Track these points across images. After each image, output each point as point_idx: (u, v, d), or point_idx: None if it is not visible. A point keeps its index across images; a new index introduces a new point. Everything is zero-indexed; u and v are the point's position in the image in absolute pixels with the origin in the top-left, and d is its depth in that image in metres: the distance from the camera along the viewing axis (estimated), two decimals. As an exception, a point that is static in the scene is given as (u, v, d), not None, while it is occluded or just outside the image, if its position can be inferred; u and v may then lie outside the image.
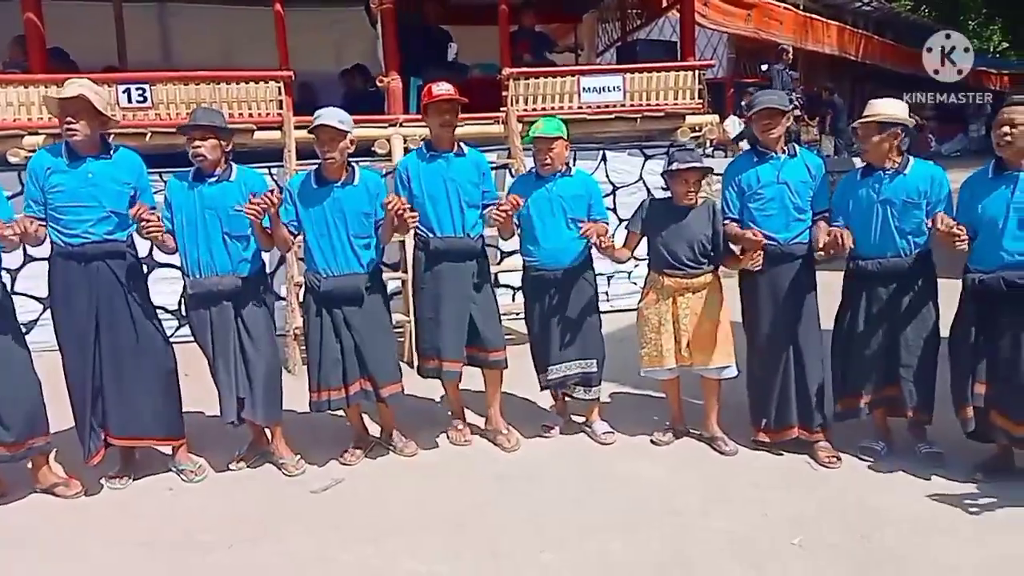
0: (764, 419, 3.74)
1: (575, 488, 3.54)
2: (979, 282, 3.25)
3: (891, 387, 3.55)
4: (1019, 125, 3.15)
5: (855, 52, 14.96)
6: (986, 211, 3.25)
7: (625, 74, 6.74)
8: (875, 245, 3.48)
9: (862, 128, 3.50)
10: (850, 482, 3.50)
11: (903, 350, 3.48)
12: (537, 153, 3.87)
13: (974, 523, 3.12)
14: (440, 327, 3.83)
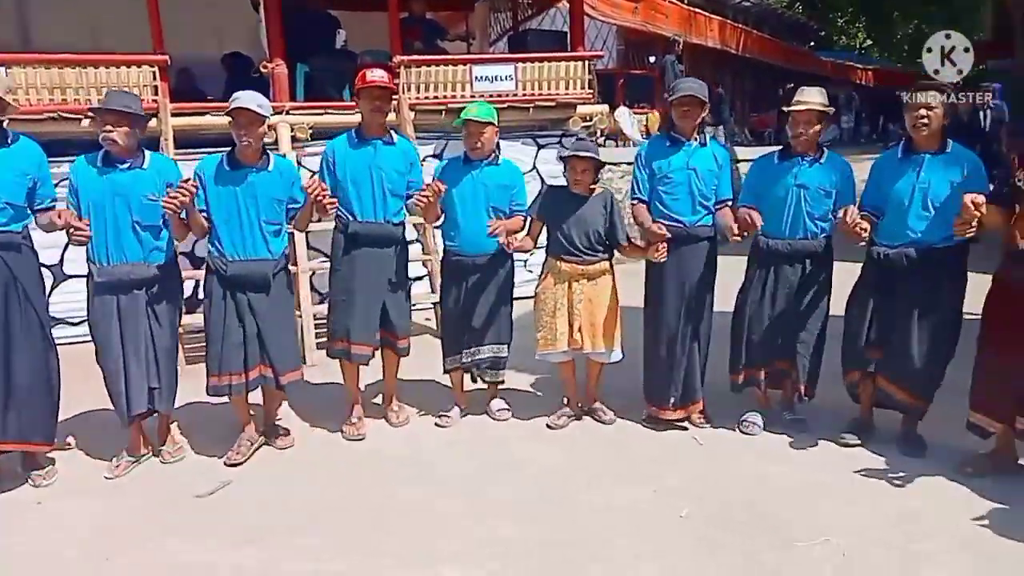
0: (672, 397, 3.87)
1: (470, 474, 3.55)
2: (884, 256, 3.43)
3: (786, 361, 3.75)
4: (934, 108, 3.32)
5: (736, 46, 15.65)
6: (894, 191, 3.43)
7: (517, 63, 6.77)
8: (787, 227, 3.65)
9: (802, 116, 3.56)
10: (734, 453, 3.68)
11: (802, 328, 3.68)
12: (467, 137, 3.88)
13: (849, 485, 3.34)
14: (352, 309, 3.83)
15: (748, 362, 3.81)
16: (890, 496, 3.23)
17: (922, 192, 3.35)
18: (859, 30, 29.86)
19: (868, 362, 3.55)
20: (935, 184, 3.33)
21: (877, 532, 2.96)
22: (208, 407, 3.97)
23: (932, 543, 2.87)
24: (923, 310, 3.38)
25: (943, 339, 3.39)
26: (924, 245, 3.34)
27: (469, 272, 3.93)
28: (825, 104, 3.58)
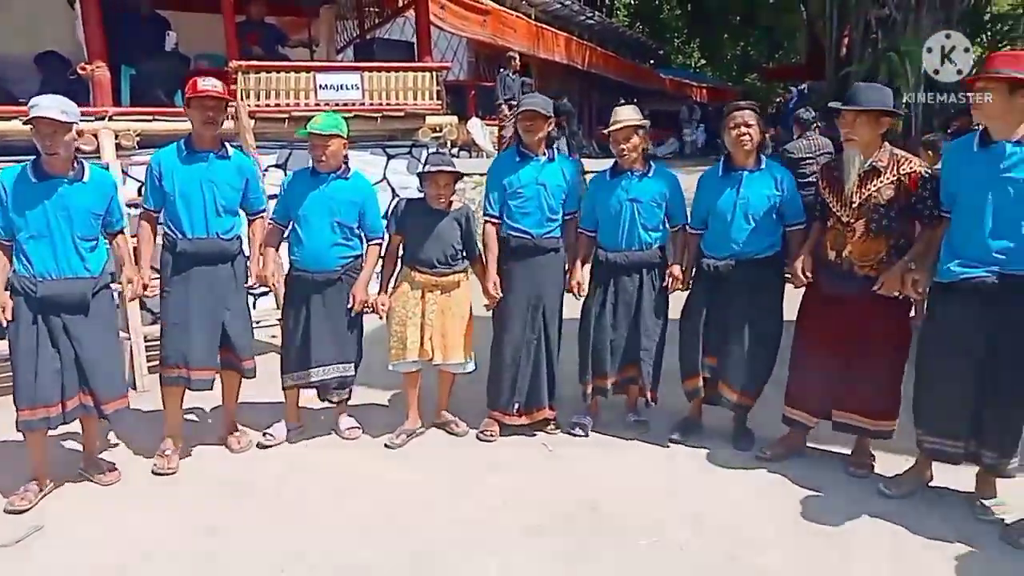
0: (516, 403, 3.90)
1: (317, 496, 3.41)
2: (712, 268, 3.63)
3: (632, 367, 3.88)
4: (753, 126, 3.53)
5: (582, 62, 16.24)
6: (717, 206, 3.62)
7: (364, 72, 6.64)
8: (623, 239, 3.78)
9: (620, 134, 3.70)
10: (578, 458, 3.77)
11: (644, 336, 3.81)
12: (312, 150, 3.71)
13: (676, 481, 3.51)
14: (189, 333, 3.57)
15: (595, 372, 3.90)
16: (720, 488, 3.43)
17: (743, 207, 3.56)
18: (694, 50, 31.99)
19: (706, 368, 3.74)
20: (753, 199, 3.56)
21: (712, 522, 3.13)
22: (18, 444, 3.56)
23: (761, 531, 3.06)
24: (750, 316, 3.60)
25: (768, 341, 3.63)
26: (747, 256, 3.57)
27: (313, 289, 3.77)
28: (639, 118, 3.74)
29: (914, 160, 3.22)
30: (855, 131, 3.19)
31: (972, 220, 2.89)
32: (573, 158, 6.26)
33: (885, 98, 3.21)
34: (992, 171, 2.85)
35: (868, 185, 3.20)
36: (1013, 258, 2.81)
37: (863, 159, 3.20)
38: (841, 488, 3.37)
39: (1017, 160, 2.80)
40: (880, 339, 3.27)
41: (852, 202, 3.22)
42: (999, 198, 2.82)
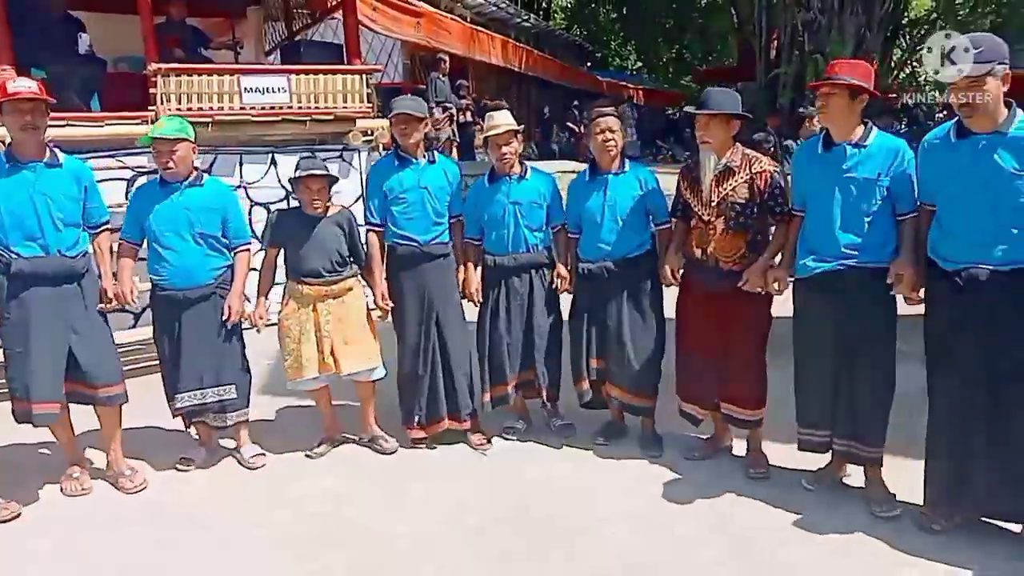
0: (416, 415, 3.83)
1: (231, 521, 3.28)
2: (588, 271, 3.67)
3: (529, 371, 3.86)
4: (617, 131, 3.62)
5: (518, 64, 16.24)
6: (587, 210, 3.69)
7: (290, 75, 6.49)
8: (509, 243, 3.77)
9: (501, 137, 3.72)
10: (507, 461, 3.75)
11: (537, 336, 3.81)
12: (157, 157, 3.52)
13: (607, 482, 3.53)
14: (29, 362, 3.26)
15: (495, 379, 3.87)
16: (652, 488, 3.44)
17: (611, 209, 3.62)
18: (630, 52, 32.45)
19: (592, 371, 3.76)
20: (620, 201, 3.63)
21: (646, 523, 3.14)
22: None
23: (694, 529, 3.09)
24: (630, 315, 3.65)
25: (652, 338, 3.69)
26: (619, 257, 3.63)
27: (184, 308, 3.58)
28: (515, 123, 3.77)
29: (764, 159, 3.37)
30: (709, 133, 3.31)
31: (821, 217, 3.05)
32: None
33: (734, 102, 3.34)
34: (835, 171, 3.01)
35: (724, 184, 3.33)
36: (861, 252, 2.97)
37: (718, 159, 3.33)
38: (765, 483, 3.41)
39: (856, 161, 2.98)
40: (746, 330, 3.40)
41: (711, 201, 3.34)
42: (844, 196, 3.00)
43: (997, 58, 2.61)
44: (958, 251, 2.75)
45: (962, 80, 2.62)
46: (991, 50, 2.62)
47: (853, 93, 2.96)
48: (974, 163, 2.68)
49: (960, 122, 2.74)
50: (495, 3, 17.12)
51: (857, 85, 2.95)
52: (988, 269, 2.67)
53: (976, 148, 2.69)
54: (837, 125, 3.02)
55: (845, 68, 3.01)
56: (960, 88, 2.65)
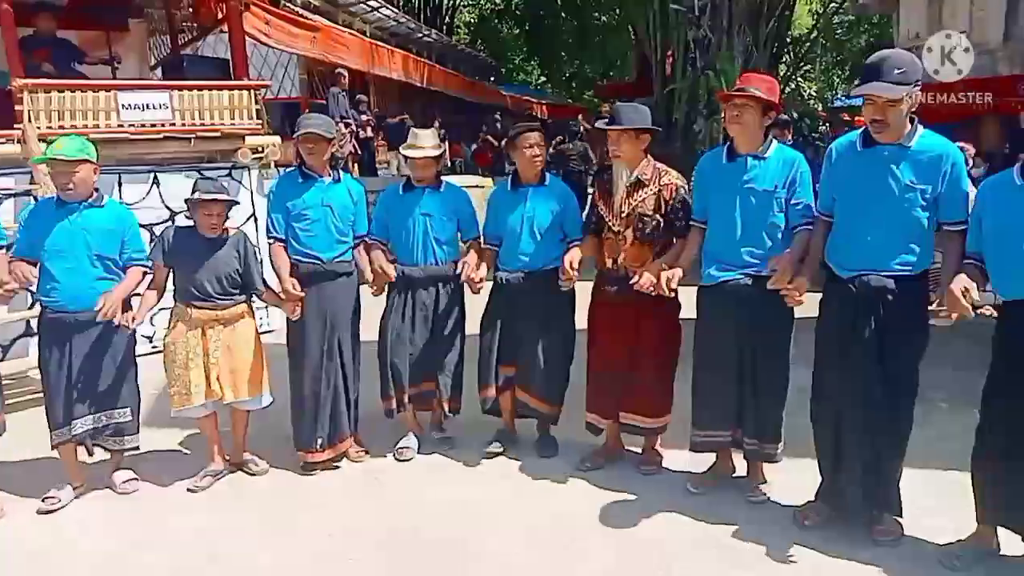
0: (318, 437, 3.71)
1: (100, 559, 3.07)
2: (505, 280, 3.70)
3: (429, 382, 3.84)
4: (542, 146, 3.70)
5: (420, 79, 16.16)
6: (507, 221, 3.73)
7: (173, 91, 6.23)
8: (418, 254, 3.78)
9: (420, 163, 3.77)
10: (399, 482, 3.69)
11: (438, 348, 3.81)
12: (55, 178, 3.35)
13: (509, 494, 3.51)
14: None
15: (396, 387, 3.84)
16: (543, 500, 3.44)
17: (529, 221, 3.68)
18: (534, 68, 32.92)
19: (501, 378, 3.78)
20: (539, 213, 3.69)
21: (539, 536, 3.13)
22: None
23: (588, 540, 3.09)
24: (543, 325, 3.71)
25: (563, 347, 3.76)
26: (536, 268, 3.68)
27: (74, 330, 3.40)
28: (436, 151, 3.82)
29: (672, 173, 3.47)
30: (620, 147, 3.40)
31: (725, 227, 3.16)
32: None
33: (644, 117, 3.44)
34: (737, 182, 3.12)
35: (634, 196, 3.42)
36: (762, 261, 3.08)
37: (629, 172, 3.41)
38: (656, 490, 3.46)
39: (757, 172, 3.10)
40: (654, 341, 3.48)
41: (622, 212, 3.42)
42: (745, 207, 3.10)
43: (915, 79, 2.72)
44: (853, 259, 2.83)
45: (881, 100, 2.69)
46: (912, 72, 2.71)
47: (765, 107, 3.07)
48: (875, 173, 2.78)
49: (867, 131, 2.84)
50: (395, 18, 17.04)
51: (769, 100, 3.07)
52: (880, 276, 2.77)
53: (879, 158, 2.77)
54: (747, 137, 3.12)
55: (758, 82, 3.12)
56: (877, 107, 2.72)
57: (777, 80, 12.24)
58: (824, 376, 2.99)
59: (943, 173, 2.70)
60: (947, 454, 2.83)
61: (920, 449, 2.97)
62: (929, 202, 2.72)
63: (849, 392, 2.86)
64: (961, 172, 2.74)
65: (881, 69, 2.68)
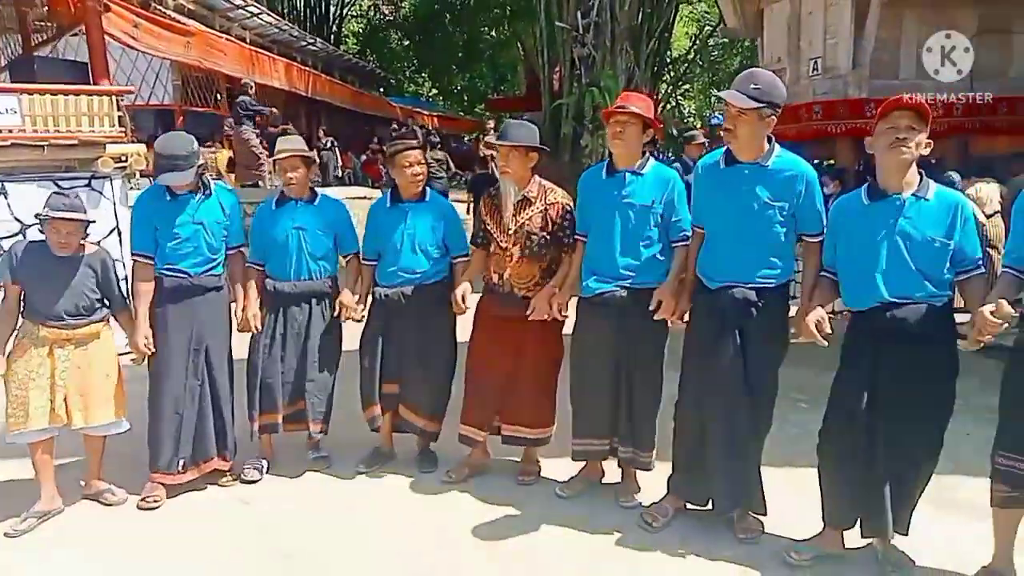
0: (179, 459, 3.49)
1: None
2: (384, 296, 3.64)
3: (300, 401, 3.71)
4: (423, 164, 3.67)
5: (305, 88, 15.78)
6: (387, 237, 3.67)
7: (22, 95, 5.75)
8: (291, 269, 3.67)
9: (288, 162, 3.65)
10: (271, 502, 3.54)
11: (311, 366, 3.68)
12: None
13: (385, 511, 3.42)
14: None
15: (265, 407, 3.69)
16: (416, 517, 3.37)
17: (410, 237, 3.64)
18: (425, 80, 32.85)
19: (384, 397, 3.70)
20: (420, 230, 3.66)
21: (413, 549, 3.07)
22: None
23: (465, 556, 3.05)
24: (425, 341, 3.66)
25: (445, 363, 3.73)
26: (417, 283, 3.64)
27: None
28: (304, 149, 3.74)
29: (558, 191, 3.52)
30: (509, 164, 3.42)
31: (603, 240, 3.22)
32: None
33: (532, 135, 3.47)
34: (616, 197, 3.20)
35: (522, 213, 3.44)
36: (638, 273, 3.17)
37: (517, 189, 3.43)
38: (531, 499, 3.46)
39: (634, 188, 3.19)
40: (537, 353, 3.50)
41: (509, 228, 3.44)
42: (623, 221, 3.18)
43: (771, 100, 2.81)
44: (719, 271, 2.94)
45: (732, 109, 2.82)
46: (767, 92, 2.82)
47: (645, 124, 3.17)
48: (736, 190, 2.90)
49: (729, 151, 2.96)
50: (277, 25, 16.55)
51: (648, 117, 3.17)
52: (744, 288, 2.87)
53: (739, 177, 2.89)
54: (627, 153, 3.20)
55: (636, 100, 3.21)
56: (730, 115, 2.85)
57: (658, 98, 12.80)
58: (690, 381, 3.10)
59: (798, 191, 2.86)
60: (808, 453, 2.98)
61: (781, 448, 3.11)
62: (787, 217, 2.88)
63: (714, 396, 2.98)
64: (815, 189, 2.91)
65: (740, 81, 2.84)
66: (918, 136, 2.56)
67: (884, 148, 2.60)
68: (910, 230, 2.60)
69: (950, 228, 2.59)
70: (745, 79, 2.84)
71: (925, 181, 2.65)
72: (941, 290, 2.62)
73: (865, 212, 2.70)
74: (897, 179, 2.63)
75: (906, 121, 2.56)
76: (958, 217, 2.59)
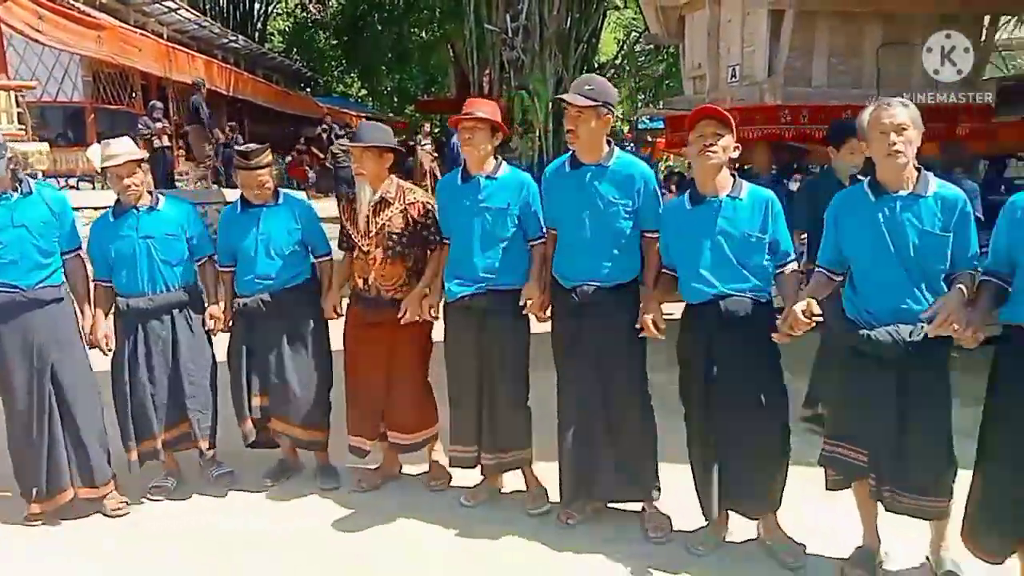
0: (35, 488, 3.27)
1: None
2: (243, 305, 3.50)
3: (182, 423, 3.53)
4: (270, 169, 3.56)
5: (226, 86, 15.33)
6: (240, 244, 3.51)
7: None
8: (144, 282, 3.41)
9: (123, 168, 3.36)
10: (167, 519, 3.40)
11: (187, 383, 3.48)
12: None
13: (289, 530, 3.28)
14: None
15: (141, 434, 3.46)
16: (325, 527, 3.30)
17: (265, 242, 3.51)
18: (354, 80, 32.37)
19: (255, 410, 3.55)
20: (274, 233, 3.52)
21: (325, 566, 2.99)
22: None
23: (365, 559, 3.00)
24: (291, 348, 3.53)
25: (316, 370, 3.58)
26: (276, 289, 3.49)
27: None
28: (136, 152, 3.49)
29: (417, 191, 3.52)
30: (363, 166, 3.38)
31: (463, 244, 3.25)
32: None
33: (386, 136, 3.46)
34: (473, 201, 3.23)
35: (380, 215, 3.39)
36: (498, 275, 3.20)
37: (373, 191, 3.40)
38: (439, 508, 3.42)
39: (489, 192, 3.22)
40: (410, 357, 3.48)
41: (369, 231, 3.38)
42: (481, 224, 3.21)
43: (605, 99, 2.95)
44: (574, 270, 3.03)
45: (572, 109, 2.92)
46: (601, 92, 2.96)
47: (494, 128, 3.20)
48: (581, 190, 3.02)
49: (575, 154, 3.06)
50: (197, 21, 16.02)
51: (496, 121, 3.21)
52: (595, 285, 2.97)
53: (584, 178, 3.01)
54: (478, 158, 3.22)
55: (482, 105, 3.26)
56: (570, 116, 2.95)
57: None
58: (563, 379, 3.17)
59: (638, 189, 2.98)
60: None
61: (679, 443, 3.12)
62: (630, 214, 3.01)
63: (585, 393, 3.07)
64: (653, 188, 3.05)
65: (577, 85, 2.99)
66: (723, 141, 2.73)
67: (695, 155, 2.78)
68: (729, 228, 2.77)
69: (763, 223, 2.76)
70: (581, 83, 3.00)
71: (738, 182, 2.83)
72: (765, 283, 2.80)
73: (688, 216, 2.86)
74: (711, 182, 2.80)
75: (712, 128, 2.73)
76: (769, 212, 2.77)
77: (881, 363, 2.51)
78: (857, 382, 2.61)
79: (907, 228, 2.50)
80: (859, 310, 2.59)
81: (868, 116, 2.54)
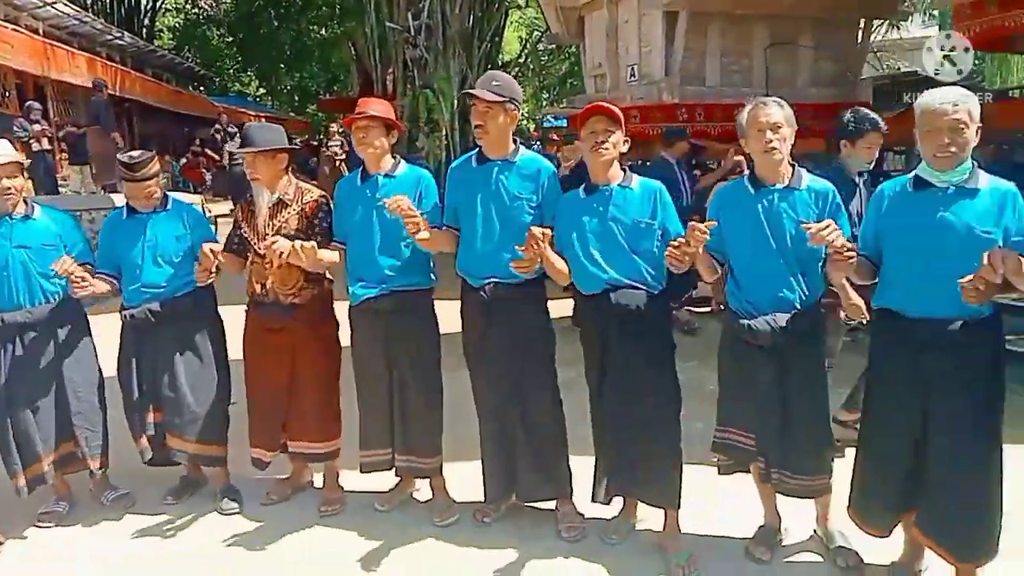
0: None
1: None
2: (130, 316, 3.30)
3: (69, 442, 3.33)
4: (158, 175, 3.41)
5: (112, 85, 14.51)
6: (125, 252, 3.35)
7: None
8: (17, 295, 3.20)
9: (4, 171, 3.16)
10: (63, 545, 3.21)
11: (73, 398, 3.29)
12: None
13: (177, 548, 3.19)
14: None
15: (26, 460, 3.23)
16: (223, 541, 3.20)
17: (152, 250, 3.35)
18: (252, 79, 31.31)
19: (150, 426, 3.36)
20: (162, 241, 3.37)
21: None
22: None
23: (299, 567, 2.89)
24: (182, 359, 3.37)
25: (213, 383, 3.43)
26: (165, 298, 3.34)
27: None
28: (15, 155, 3.28)
29: (315, 190, 3.46)
30: (257, 170, 3.30)
31: (364, 245, 3.18)
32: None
33: (279, 137, 3.40)
34: (371, 201, 3.17)
35: (277, 217, 3.32)
36: (401, 275, 3.19)
37: (270, 193, 3.33)
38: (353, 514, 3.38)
39: (387, 191, 3.15)
40: (313, 364, 3.39)
41: (266, 234, 3.27)
42: (381, 224, 3.15)
43: (511, 96, 2.98)
44: (479, 267, 3.04)
45: (481, 105, 2.93)
46: (508, 89, 2.99)
47: (388, 126, 3.17)
48: (488, 185, 3.00)
49: (481, 150, 3.08)
50: (77, 16, 15.07)
51: (389, 119, 3.18)
52: (503, 282, 2.98)
53: (490, 172, 3.02)
54: (375, 156, 3.18)
55: (375, 104, 3.22)
56: (479, 112, 2.96)
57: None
58: (476, 378, 3.18)
59: (542, 183, 3.03)
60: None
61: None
62: (534, 209, 3.05)
63: (499, 393, 3.09)
64: (556, 182, 3.11)
65: (483, 81, 3.02)
66: (613, 136, 2.82)
67: (588, 151, 2.88)
68: (620, 215, 2.85)
69: (653, 210, 2.87)
70: (487, 79, 3.03)
71: (629, 174, 2.94)
72: (657, 272, 2.86)
73: (583, 204, 2.94)
74: (603, 175, 2.89)
75: (602, 125, 2.82)
76: (658, 201, 2.88)
77: (762, 351, 2.65)
78: (742, 370, 2.75)
79: (784, 219, 2.65)
80: (740, 301, 2.73)
81: (746, 115, 2.68)
